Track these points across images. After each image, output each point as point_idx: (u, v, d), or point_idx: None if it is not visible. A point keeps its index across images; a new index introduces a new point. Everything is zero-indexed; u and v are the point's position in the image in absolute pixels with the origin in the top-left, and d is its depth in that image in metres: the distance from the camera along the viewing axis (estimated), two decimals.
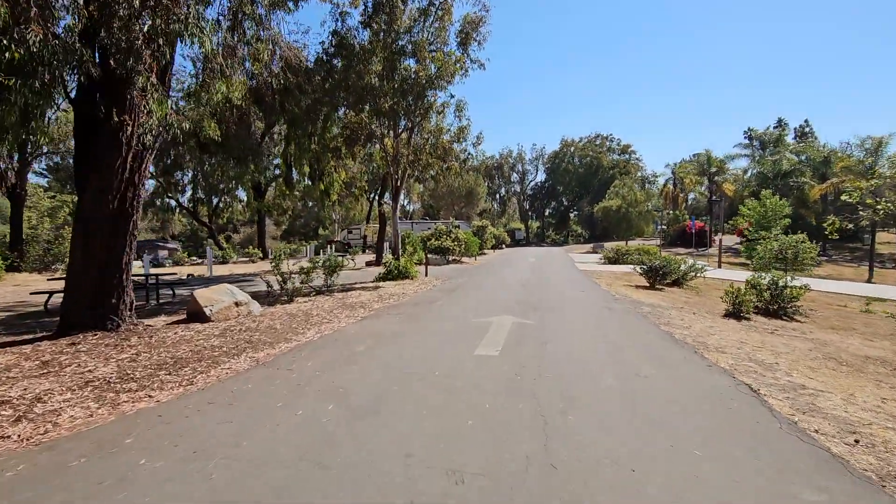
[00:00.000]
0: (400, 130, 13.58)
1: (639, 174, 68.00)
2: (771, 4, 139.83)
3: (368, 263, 23.07)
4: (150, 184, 39.69)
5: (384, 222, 23.84)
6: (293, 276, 10.30)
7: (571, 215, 76.21)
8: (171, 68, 6.79)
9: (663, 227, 49.18)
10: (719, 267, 24.90)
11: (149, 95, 5.53)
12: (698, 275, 16.20)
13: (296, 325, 7.23)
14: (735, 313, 9.16)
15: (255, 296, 10.59)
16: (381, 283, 13.52)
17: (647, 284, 14.79)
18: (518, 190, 78.31)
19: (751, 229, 32.72)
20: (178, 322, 7.17)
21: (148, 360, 4.99)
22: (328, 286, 11.29)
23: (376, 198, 29.69)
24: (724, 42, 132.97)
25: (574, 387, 4.16)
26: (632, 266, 16.41)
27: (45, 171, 38.82)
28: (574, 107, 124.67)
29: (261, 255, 31.08)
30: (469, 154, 16.69)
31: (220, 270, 21.39)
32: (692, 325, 7.77)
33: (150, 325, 6.81)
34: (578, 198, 72.44)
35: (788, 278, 10.52)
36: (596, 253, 35.14)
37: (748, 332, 7.65)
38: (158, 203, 36.87)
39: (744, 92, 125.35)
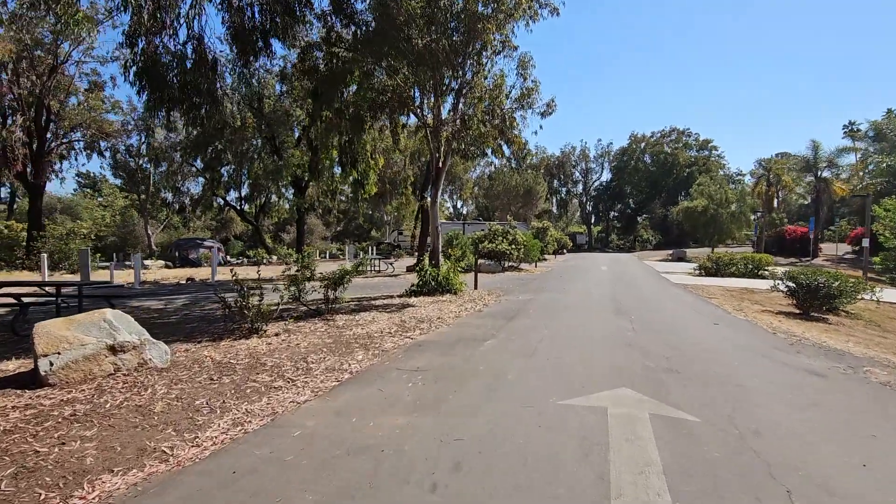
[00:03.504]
0: (444, 88, 9.74)
1: (720, 172, 59.77)
2: None
3: (409, 269, 19.48)
4: (200, 181, 39.18)
5: (426, 219, 20.13)
6: (285, 289, 6.95)
7: (639, 218, 68.73)
8: None
9: (747, 232, 42.20)
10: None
11: None
12: (869, 297, 11.30)
13: (206, 398, 3.64)
14: None
15: (229, 317, 7.25)
16: (410, 300, 9.81)
17: (798, 311, 10.12)
18: (581, 190, 72.03)
19: (887, 234, 26.07)
20: None
21: None
22: (330, 303, 7.75)
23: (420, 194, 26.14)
24: (810, 30, 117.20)
25: None
26: (771, 282, 11.66)
27: (114, 168, 38.60)
28: (645, 98, 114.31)
29: (296, 257, 28.42)
30: (527, 149, 12.59)
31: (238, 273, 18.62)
32: None
33: None
34: (648, 199, 65.07)
35: None
36: (682, 262, 29.49)
37: None
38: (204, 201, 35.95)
39: (835, 84, 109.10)
